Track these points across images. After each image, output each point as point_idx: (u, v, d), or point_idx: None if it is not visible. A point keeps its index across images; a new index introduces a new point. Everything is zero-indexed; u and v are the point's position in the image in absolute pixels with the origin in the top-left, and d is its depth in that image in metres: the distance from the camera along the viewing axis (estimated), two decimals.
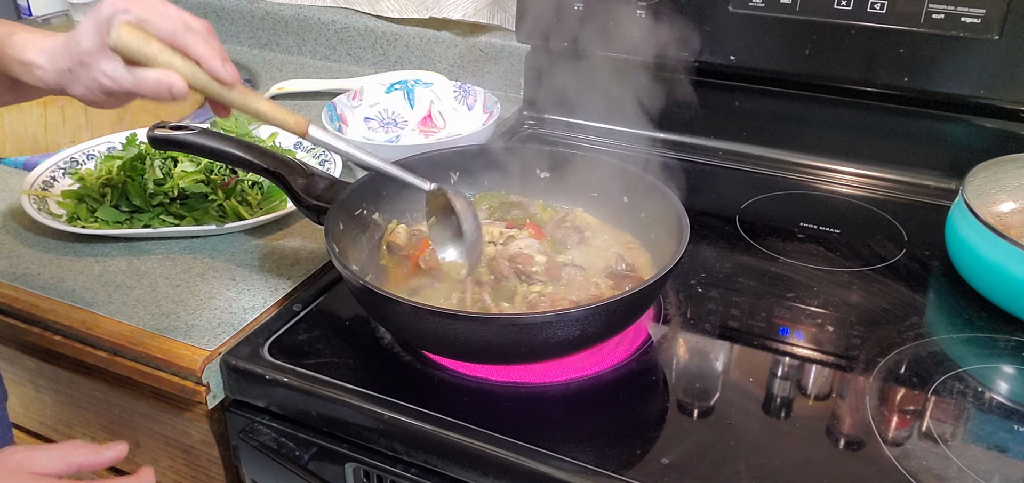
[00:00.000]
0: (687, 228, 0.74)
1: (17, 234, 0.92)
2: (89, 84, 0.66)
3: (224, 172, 0.97)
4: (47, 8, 1.39)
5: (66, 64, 0.66)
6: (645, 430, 0.66)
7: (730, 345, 0.77)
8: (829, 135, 1.08)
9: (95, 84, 0.66)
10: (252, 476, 0.77)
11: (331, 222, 0.77)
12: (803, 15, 1.01)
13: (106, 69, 0.65)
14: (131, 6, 0.64)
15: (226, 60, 0.67)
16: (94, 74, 0.66)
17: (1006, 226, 0.80)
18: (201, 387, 0.74)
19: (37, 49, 0.67)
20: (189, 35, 0.65)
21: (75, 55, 0.65)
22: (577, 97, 1.11)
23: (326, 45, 1.46)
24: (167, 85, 0.65)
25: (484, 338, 0.67)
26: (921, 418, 0.68)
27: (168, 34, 0.65)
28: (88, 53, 0.65)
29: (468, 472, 0.65)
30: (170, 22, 0.65)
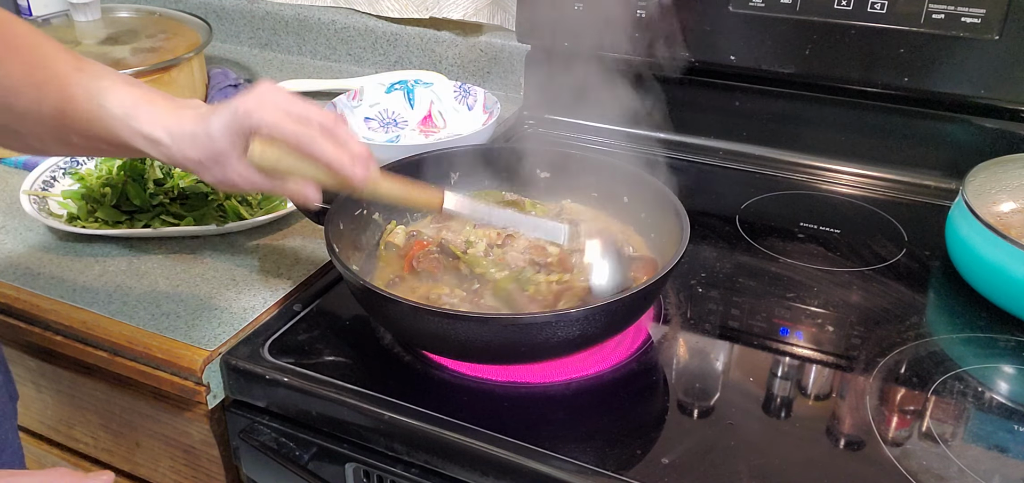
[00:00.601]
0: (687, 228, 0.74)
1: (17, 234, 0.92)
2: (221, 178, 0.67)
3: None
4: (47, 8, 1.39)
5: (197, 156, 0.66)
6: (645, 430, 0.66)
7: (730, 345, 0.77)
8: (829, 135, 1.08)
9: (227, 180, 0.67)
10: (252, 476, 0.77)
11: (331, 222, 0.77)
12: (803, 15, 1.01)
13: (241, 172, 0.66)
14: (266, 116, 0.64)
15: (356, 159, 0.66)
16: (227, 173, 0.67)
17: (1006, 226, 0.80)
18: (201, 387, 0.74)
19: (163, 128, 0.66)
20: (316, 143, 0.65)
21: (209, 152, 0.66)
22: (577, 97, 1.10)
23: (326, 45, 1.46)
24: (302, 197, 0.68)
25: (484, 338, 0.67)
26: (921, 418, 0.68)
27: (302, 143, 0.64)
28: (223, 154, 0.65)
29: (468, 472, 0.65)
30: (301, 128, 0.64)
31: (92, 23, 1.28)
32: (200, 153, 0.66)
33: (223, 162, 0.66)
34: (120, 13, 1.35)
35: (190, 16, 1.34)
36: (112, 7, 1.36)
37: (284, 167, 0.66)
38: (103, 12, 1.31)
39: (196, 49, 1.21)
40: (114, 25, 1.30)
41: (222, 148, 0.65)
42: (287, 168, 0.66)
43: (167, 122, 0.66)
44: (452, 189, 0.91)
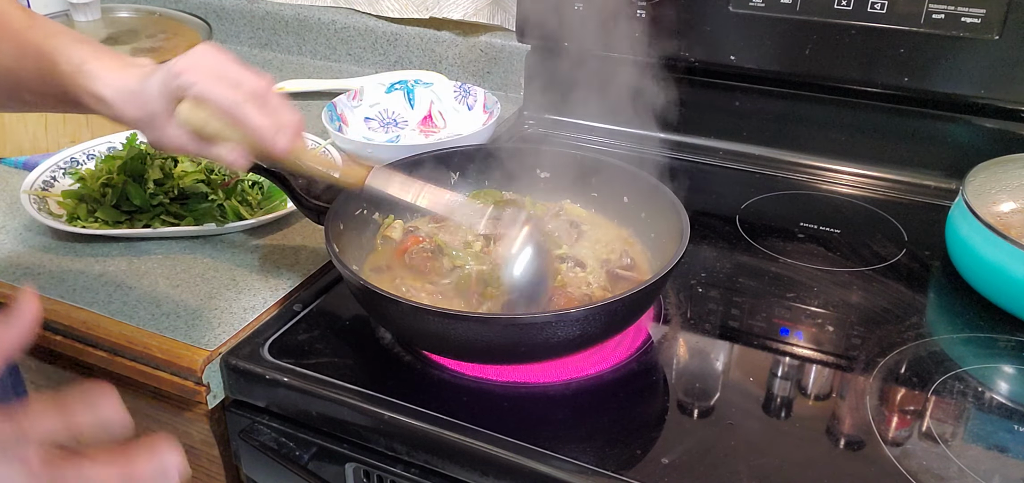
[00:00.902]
0: (687, 228, 0.74)
1: (17, 234, 0.92)
2: (156, 139, 0.68)
3: (224, 172, 0.97)
4: (47, 8, 1.39)
5: (136, 114, 0.67)
6: (645, 430, 0.66)
7: (730, 345, 0.77)
8: (829, 135, 1.08)
9: (161, 142, 0.68)
10: (252, 476, 0.77)
11: (331, 222, 0.77)
12: (803, 15, 1.01)
13: (173, 134, 0.67)
14: (197, 78, 0.64)
15: (282, 128, 0.66)
16: (161, 135, 0.67)
17: (1006, 226, 0.80)
18: (201, 387, 0.74)
19: (109, 86, 0.66)
20: (246, 107, 0.65)
21: (145, 111, 0.66)
22: (577, 97, 1.11)
23: (326, 45, 1.46)
24: (230, 161, 0.68)
25: (484, 338, 0.67)
26: (921, 418, 0.68)
27: (227, 107, 0.65)
28: (156, 115, 0.66)
29: (468, 472, 0.65)
30: (230, 92, 0.65)
31: (92, 23, 1.28)
32: (138, 112, 0.66)
33: (157, 123, 0.66)
34: (120, 13, 1.35)
35: (190, 16, 1.34)
36: (112, 7, 1.36)
37: (211, 130, 0.66)
38: (103, 12, 1.31)
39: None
40: (114, 25, 1.30)
41: (155, 108, 0.65)
42: (214, 131, 0.66)
43: (113, 80, 0.66)
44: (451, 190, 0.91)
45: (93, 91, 0.66)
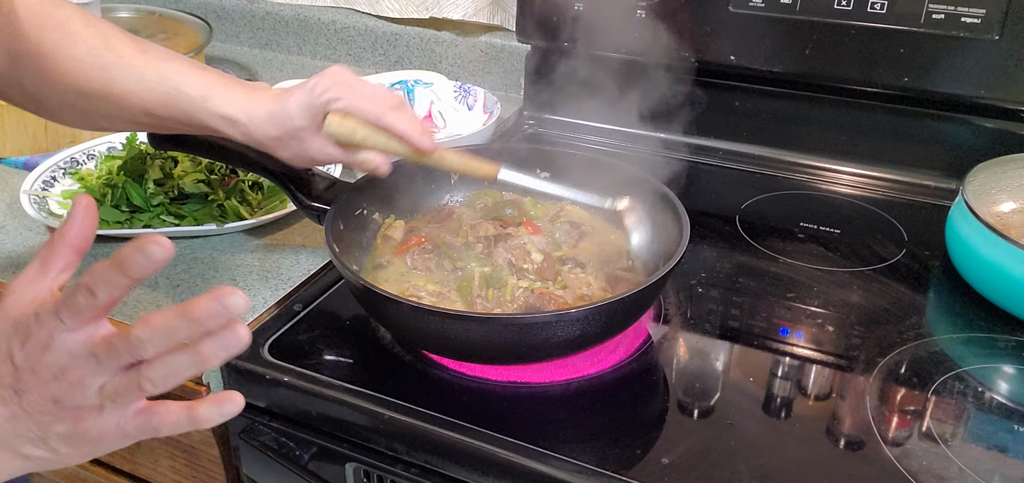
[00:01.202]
0: (687, 228, 0.74)
1: (17, 234, 0.92)
2: (298, 153, 0.73)
3: (224, 172, 0.97)
4: None
5: (275, 132, 0.71)
6: (645, 430, 0.66)
7: (730, 345, 0.77)
8: (829, 135, 1.08)
9: (304, 154, 0.73)
10: (252, 476, 0.77)
11: (331, 222, 0.77)
12: (803, 15, 1.01)
13: (317, 146, 0.72)
14: (340, 94, 0.70)
15: (425, 131, 0.73)
16: (305, 147, 0.72)
17: (1006, 226, 0.80)
18: (201, 387, 0.74)
19: (241, 109, 0.71)
20: (391, 115, 0.71)
21: (287, 128, 0.71)
22: (577, 97, 1.11)
23: (326, 45, 1.46)
24: (374, 166, 0.74)
25: (484, 338, 0.67)
26: (921, 418, 0.68)
27: (372, 117, 0.71)
28: (301, 130, 0.71)
29: (468, 472, 0.65)
30: (374, 106, 0.71)
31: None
32: (278, 130, 0.71)
33: (301, 137, 0.72)
34: (120, 13, 1.35)
35: (190, 16, 1.34)
36: (112, 7, 1.36)
37: (358, 138, 0.72)
38: (103, 12, 1.31)
39: (196, 49, 1.21)
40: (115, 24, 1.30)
41: (300, 125, 0.71)
42: (361, 139, 0.72)
43: (244, 104, 0.71)
44: (451, 189, 0.92)
45: (226, 115, 0.71)
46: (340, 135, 0.71)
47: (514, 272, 0.78)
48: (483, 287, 0.76)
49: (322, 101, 0.70)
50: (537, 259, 0.79)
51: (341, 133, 0.71)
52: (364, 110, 0.71)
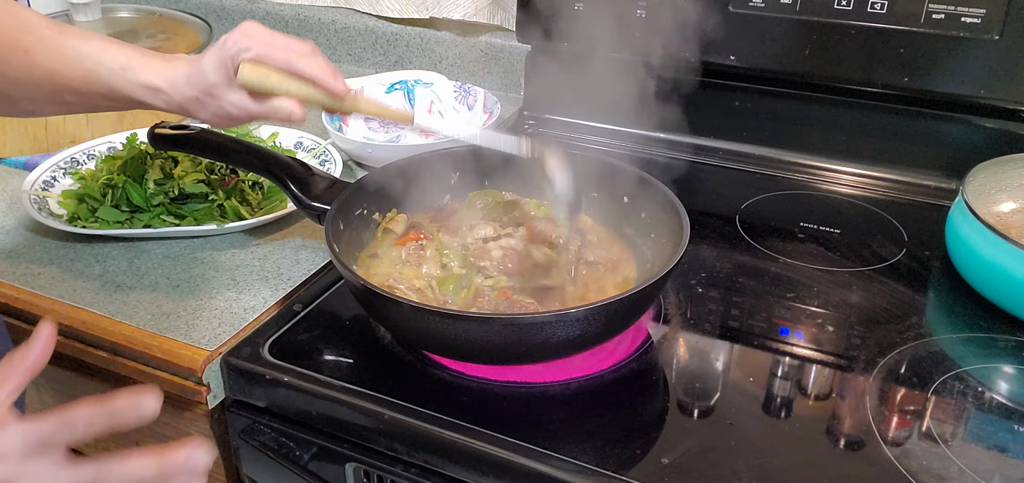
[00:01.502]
0: (687, 228, 0.74)
1: (17, 234, 0.92)
2: (215, 111, 0.73)
3: (224, 172, 0.97)
4: (47, 9, 1.39)
5: (193, 93, 0.72)
6: (645, 430, 0.66)
7: (730, 345, 0.77)
8: (829, 135, 1.08)
9: (222, 111, 0.73)
10: (252, 476, 0.77)
11: (331, 222, 0.77)
12: (803, 15, 1.01)
13: (232, 100, 0.72)
14: (250, 43, 0.71)
15: (337, 74, 0.73)
16: (221, 103, 0.72)
17: (1006, 226, 0.80)
18: (201, 387, 0.74)
19: (161, 75, 0.72)
20: (301, 60, 0.72)
21: (202, 86, 0.72)
22: (577, 97, 1.11)
23: (326, 45, 1.46)
24: (287, 112, 0.73)
25: (484, 338, 0.67)
26: (921, 418, 0.68)
27: (284, 63, 0.71)
28: (215, 86, 0.71)
29: (468, 472, 0.65)
30: (283, 51, 0.71)
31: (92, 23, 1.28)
32: (195, 90, 0.72)
33: (216, 93, 0.72)
34: (120, 13, 1.35)
35: (190, 16, 1.34)
36: (112, 7, 1.36)
37: (271, 85, 0.71)
38: (103, 12, 1.31)
39: (196, 49, 1.21)
40: (114, 25, 1.30)
41: (214, 80, 0.71)
42: (273, 85, 0.72)
43: (164, 71, 0.72)
44: (451, 189, 0.92)
45: (147, 84, 0.72)
46: (252, 83, 0.71)
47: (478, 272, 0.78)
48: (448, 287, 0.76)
49: (234, 52, 0.70)
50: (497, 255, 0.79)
51: (253, 80, 0.71)
52: (275, 57, 0.71)
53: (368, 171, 1.02)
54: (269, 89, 0.72)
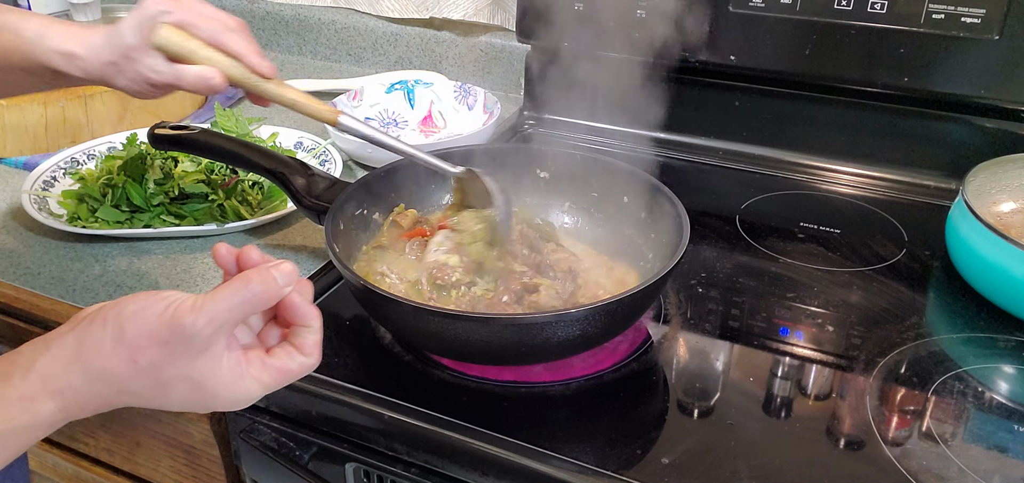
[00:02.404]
0: (687, 228, 0.74)
1: (17, 234, 0.92)
2: (133, 77, 0.71)
3: (224, 172, 0.97)
4: (47, 8, 1.39)
5: (110, 57, 0.70)
6: (645, 430, 0.66)
7: (730, 345, 0.77)
8: (829, 135, 1.08)
9: (139, 77, 0.71)
10: (253, 476, 0.77)
11: (331, 222, 0.77)
12: (803, 15, 1.01)
13: (149, 63, 0.70)
14: (172, 8, 0.69)
15: (262, 54, 0.72)
16: (138, 68, 0.70)
17: (1006, 226, 0.80)
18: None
19: (78, 41, 0.70)
20: (227, 34, 0.70)
21: (119, 49, 0.69)
22: (577, 97, 1.10)
23: (326, 45, 1.46)
24: (206, 79, 0.70)
25: (484, 338, 0.67)
26: (921, 418, 0.68)
27: (208, 34, 0.69)
28: (132, 48, 0.69)
29: (468, 472, 0.65)
30: (209, 22, 0.70)
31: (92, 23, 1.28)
32: (110, 55, 0.70)
33: (132, 56, 0.70)
34: (120, 13, 1.35)
35: None
36: (112, 7, 1.36)
37: (188, 51, 0.69)
38: (103, 12, 1.31)
39: None
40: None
41: (131, 41, 0.69)
42: (191, 53, 0.69)
43: (81, 37, 0.71)
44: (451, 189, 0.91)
45: (63, 49, 0.70)
46: (170, 46, 0.69)
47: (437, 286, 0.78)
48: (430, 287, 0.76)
49: (152, 13, 0.68)
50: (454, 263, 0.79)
51: (170, 44, 0.69)
52: (199, 27, 0.69)
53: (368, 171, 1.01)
54: (187, 55, 0.69)
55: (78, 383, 0.49)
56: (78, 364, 0.49)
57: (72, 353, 0.49)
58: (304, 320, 0.53)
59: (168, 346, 0.48)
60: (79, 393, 0.49)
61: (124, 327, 0.49)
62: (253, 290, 0.50)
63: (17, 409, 0.48)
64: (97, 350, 0.49)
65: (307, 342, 0.53)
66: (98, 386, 0.49)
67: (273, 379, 0.52)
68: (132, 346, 0.48)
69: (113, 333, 0.49)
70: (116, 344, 0.48)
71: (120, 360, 0.48)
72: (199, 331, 0.48)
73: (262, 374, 0.52)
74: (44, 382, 0.48)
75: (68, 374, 0.49)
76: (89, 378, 0.49)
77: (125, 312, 0.49)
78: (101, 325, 0.49)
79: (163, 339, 0.48)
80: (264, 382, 0.52)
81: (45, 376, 0.49)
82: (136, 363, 0.48)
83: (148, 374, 0.49)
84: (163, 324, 0.48)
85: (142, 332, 0.48)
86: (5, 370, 0.49)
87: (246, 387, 0.51)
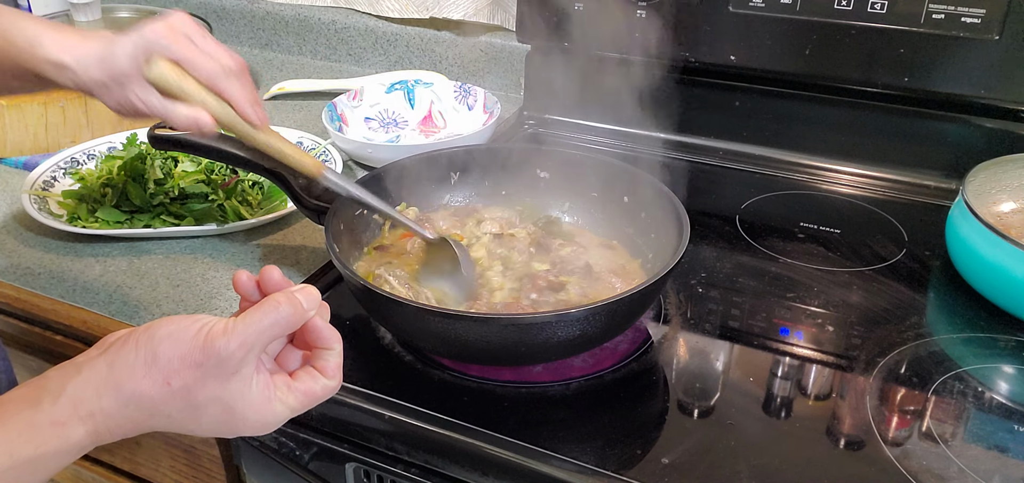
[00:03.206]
0: (687, 228, 0.74)
1: (18, 234, 0.92)
2: (121, 101, 0.69)
3: (225, 172, 0.97)
4: (47, 8, 1.39)
5: (100, 77, 0.67)
6: (645, 430, 0.67)
7: (730, 345, 0.77)
8: (829, 135, 1.08)
9: (128, 103, 0.68)
10: (253, 476, 0.77)
11: (331, 222, 0.77)
12: (803, 15, 1.01)
13: (140, 94, 0.68)
14: (174, 43, 0.67)
15: (256, 103, 0.70)
16: (128, 95, 0.68)
17: (1006, 226, 0.80)
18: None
19: (69, 53, 0.68)
20: (225, 79, 0.68)
21: (111, 72, 0.67)
22: (577, 97, 1.11)
23: (326, 45, 1.46)
24: (196, 121, 0.68)
25: (484, 338, 0.67)
26: (921, 418, 0.68)
27: (205, 75, 0.68)
28: (124, 74, 0.67)
29: (468, 472, 0.65)
30: (209, 64, 0.68)
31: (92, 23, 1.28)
32: (102, 74, 0.67)
33: (124, 83, 0.67)
34: (120, 13, 1.35)
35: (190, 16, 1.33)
36: (112, 7, 1.36)
37: (182, 90, 0.68)
38: (103, 12, 1.31)
39: None
40: (114, 25, 1.30)
41: (125, 68, 0.67)
42: (185, 92, 0.68)
43: (73, 48, 0.68)
44: (451, 189, 0.92)
45: (54, 59, 0.67)
46: (164, 83, 0.67)
47: None
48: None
49: (151, 43, 0.67)
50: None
51: (165, 81, 0.67)
52: (197, 66, 0.67)
53: (368, 171, 1.02)
54: (181, 95, 0.68)
55: (110, 407, 0.49)
56: (110, 388, 0.49)
57: (103, 377, 0.49)
58: (326, 343, 0.53)
59: (201, 368, 0.49)
60: (111, 417, 0.49)
61: (157, 350, 0.49)
62: (283, 313, 0.50)
63: (48, 434, 0.48)
64: (130, 373, 0.49)
65: (330, 365, 0.54)
66: (131, 410, 0.49)
67: (299, 402, 0.53)
68: (166, 369, 0.49)
69: (146, 356, 0.49)
70: (149, 367, 0.49)
71: (153, 383, 0.49)
72: (232, 353, 0.48)
73: (288, 397, 0.52)
74: (76, 407, 0.48)
75: (100, 398, 0.49)
76: (122, 402, 0.49)
77: (158, 335, 0.49)
78: (133, 348, 0.49)
79: (196, 361, 0.48)
80: (291, 405, 0.52)
81: (77, 400, 0.48)
82: (170, 386, 0.49)
83: (181, 397, 0.49)
84: (196, 347, 0.48)
85: (175, 355, 0.49)
86: (34, 395, 0.49)
87: (274, 410, 0.52)
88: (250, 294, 0.54)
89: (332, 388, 0.54)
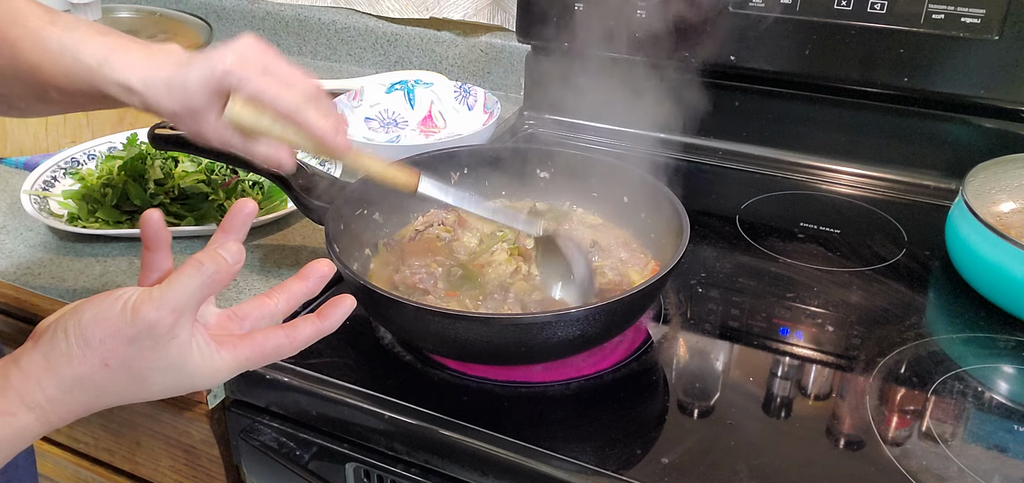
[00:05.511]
0: (687, 228, 0.74)
1: (18, 234, 0.92)
2: (195, 132, 0.65)
3: (225, 172, 0.97)
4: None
5: (172, 106, 0.63)
6: (645, 430, 0.67)
7: (730, 345, 0.77)
8: (829, 135, 1.08)
9: (201, 136, 0.65)
10: (253, 476, 0.77)
11: (331, 222, 0.77)
12: (803, 15, 1.01)
13: (215, 129, 0.64)
14: (248, 79, 0.62)
15: (340, 131, 0.65)
16: (203, 130, 0.64)
17: (1006, 226, 0.80)
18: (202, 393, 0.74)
19: (137, 75, 0.63)
20: (305, 111, 0.63)
21: (183, 102, 0.63)
22: (577, 97, 1.11)
23: (326, 45, 1.46)
24: (276, 160, 0.66)
25: (484, 338, 0.67)
26: (921, 418, 0.68)
27: (286, 110, 0.63)
28: (196, 110, 0.63)
29: (468, 472, 0.65)
30: (287, 96, 0.63)
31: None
32: (175, 104, 0.63)
33: (198, 117, 0.64)
34: (120, 13, 1.35)
35: (190, 16, 1.34)
36: (112, 7, 1.36)
37: (261, 128, 0.63)
38: (104, 12, 1.31)
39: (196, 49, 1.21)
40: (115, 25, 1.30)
41: (198, 103, 0.63)
42: (264, 129, 0.64)
43: (141, 69, 0.63)
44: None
45: (121, 82, 0.63)
46: (241, 123, 0.63)
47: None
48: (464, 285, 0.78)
49: (226, 83, 0.62)
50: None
51: (243, 121, 0.62)
52: (276, 99, 0.62)
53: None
54: (259, 131, 0.64)
55: (54, 394, 0.49)
56: (50, 376, 0.49)
57: (42, 368, 0.49)
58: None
59: (135, 342, 0.49)
60: (58, 403, 0.49)
61: (86, 334, 0.49)
62: (207, 270, 0.50)
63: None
64: (66, 361, 0.49)
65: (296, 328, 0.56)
66: (77, 394, 0.50)
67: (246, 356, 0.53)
68: (100, 349, 0.49)
69: (77, 341, 0.49)
70: (84, 351, 0.49)
71: (91, 367, 0.49)
72: (162, 319, 0.48)
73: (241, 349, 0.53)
74: (21, 397, 0.49)
75: (42, 388, 0.49)
76: (65, 389, 0.49)
77: (84, 319, 0.49)
78: (63, 335, 0.49)
79: (128, 336, 0.48)
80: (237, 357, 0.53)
81: (21, 393, 0.49)
82: (108, 366, 0.49)
83: (123, 373, 0.49)
84: (124, 321, 0.48)
85: (106, 334, 0.48)
86: None
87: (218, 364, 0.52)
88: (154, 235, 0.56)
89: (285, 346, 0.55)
